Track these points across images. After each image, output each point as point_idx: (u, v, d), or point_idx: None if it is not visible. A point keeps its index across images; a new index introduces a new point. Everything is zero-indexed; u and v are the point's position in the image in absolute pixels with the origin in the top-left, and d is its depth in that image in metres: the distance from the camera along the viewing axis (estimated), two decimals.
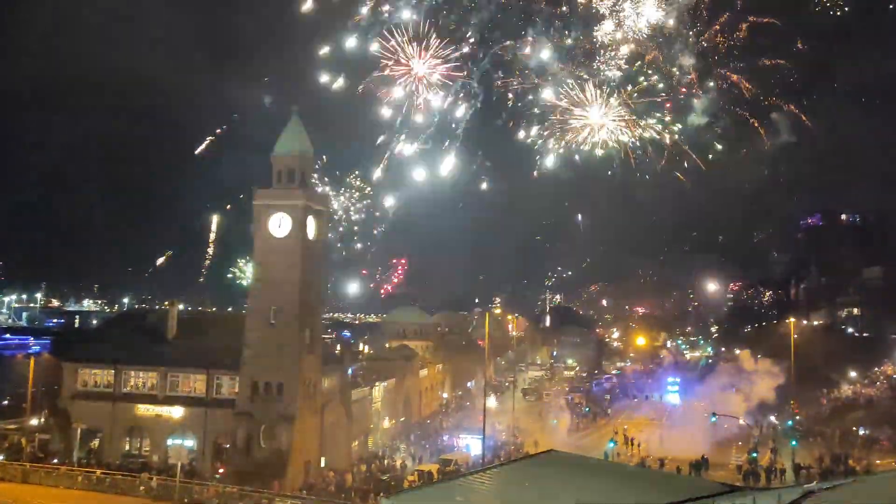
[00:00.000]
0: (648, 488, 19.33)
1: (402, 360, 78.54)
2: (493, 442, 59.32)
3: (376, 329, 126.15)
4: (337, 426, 54.99)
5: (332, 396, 55.26)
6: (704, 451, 54.91)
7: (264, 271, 50.62)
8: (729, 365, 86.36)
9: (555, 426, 71.62)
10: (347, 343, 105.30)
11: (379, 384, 68.18)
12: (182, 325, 55.97)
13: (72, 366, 54.41)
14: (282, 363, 48.56)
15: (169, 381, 52.28)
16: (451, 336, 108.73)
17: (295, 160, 51.84)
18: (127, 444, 52.26)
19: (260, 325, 49.52)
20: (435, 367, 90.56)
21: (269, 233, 50.32)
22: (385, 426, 69.48)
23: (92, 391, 53.25)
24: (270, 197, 51.10)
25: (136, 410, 51.96)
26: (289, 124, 53.02)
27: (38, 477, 37.92)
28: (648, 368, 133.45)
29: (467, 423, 70.55)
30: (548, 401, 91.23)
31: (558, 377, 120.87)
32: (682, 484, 21.06)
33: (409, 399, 77.16)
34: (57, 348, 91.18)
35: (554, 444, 50.29)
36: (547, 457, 23.14)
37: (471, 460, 53.71)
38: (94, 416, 51.67)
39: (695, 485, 20.55)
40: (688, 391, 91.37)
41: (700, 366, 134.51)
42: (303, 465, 48.79)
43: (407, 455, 59.44)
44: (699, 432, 63.47)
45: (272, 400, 48.28)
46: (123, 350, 53.61)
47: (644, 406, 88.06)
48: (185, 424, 50.89)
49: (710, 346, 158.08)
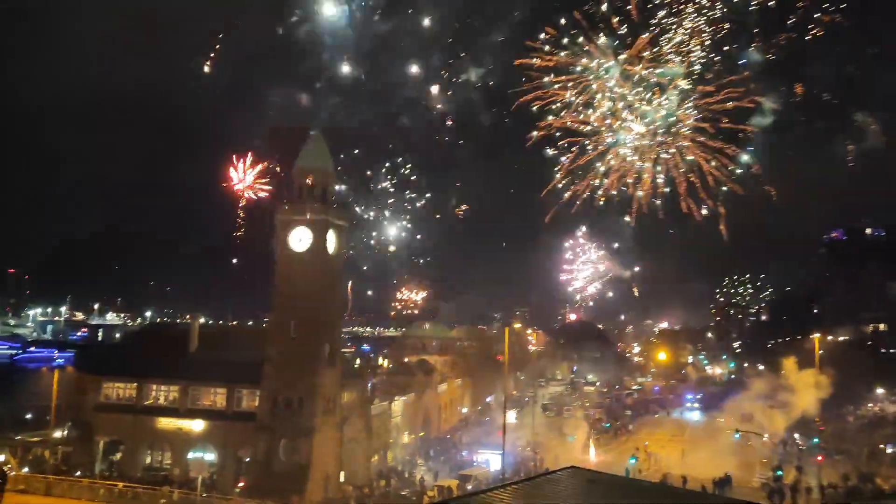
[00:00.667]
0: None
1: (422, 375, 78.44)
2: (512, 458, 58.92)
3: (396, 343, 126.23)
4: (356, 441, 54.98)
5: (352, 411, 55.28)
6: (728, 468, 54.15)
7: (285, 285, 50.88)
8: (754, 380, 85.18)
9: (575, 442, 71.01)
10: (367, 357, 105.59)
11: (398, 399, 68.12)
12: (203, 339, 56.33)
13: (95, 379, 54.90)
14: (302, 377, 48.70)
15: (190, 395, 52.57)
16: (470, 351, 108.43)
17: (316, 175, 52.24)
18: (148, 456, 52.58)
19: (280, 339, 49.75)
20: (454, 382, 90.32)
21: (289, 247, 50.66)
22: (404, 441, 69.33)
23: (114, 404, 53.68)
24: (291, 211, 51.51)
25: (157, 423, 52.25)
26: (309, 140, 53.55)
27: (62, 489, 38.21)
28: (670, 384, 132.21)
29: (487, 439, 70.17)
30: (568, 416, 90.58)
31: (579, 392, 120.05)
32: (705, 502, 20.77)
33: (428, 414, 76.99)
34: (80, 361, 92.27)
35: (574, 461, 49.85)
36: (567, 473, 22.93)
37: (490, 476, 53.37)
38: (116, 429, 52.10)
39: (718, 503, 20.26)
40: (710, 407, 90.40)
41: (722, 381, 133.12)
42: (322, 480, 48.76)
43: (426, 470, 59.19)
44: (722, 449, 62.63)
45: (292, 414, 48.37)
46: (146, 363, 53.97)
47: (666, 422, 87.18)
48: (206, 438, 51.10)
49: (733, 362, 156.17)
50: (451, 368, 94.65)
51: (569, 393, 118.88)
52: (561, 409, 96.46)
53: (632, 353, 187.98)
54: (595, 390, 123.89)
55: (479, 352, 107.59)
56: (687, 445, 70.10)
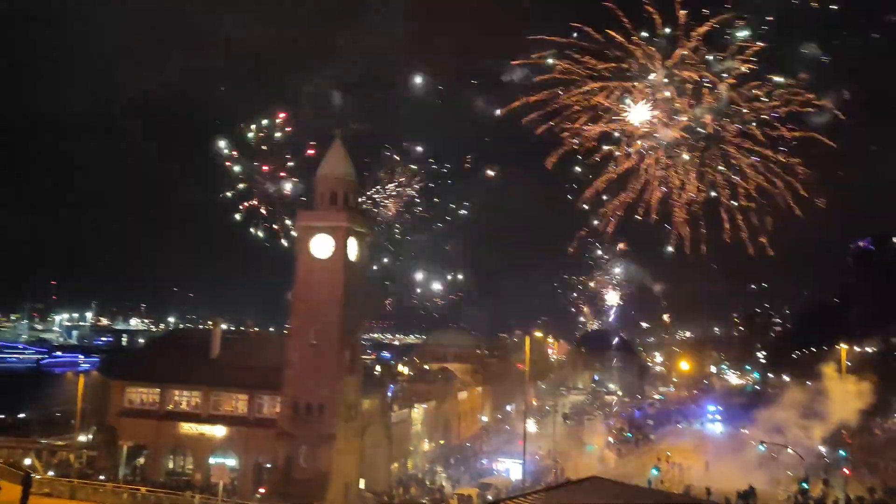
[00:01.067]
0: None
1: (442, 383, 78.34)
2: (533, 467, 58.62)
3: (417, 351, 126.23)
4: (377, 448, 54.99)
5: (373, 418, 55.32)
6: (752, 480, 53.40)
7: (306, 292, 51.09)
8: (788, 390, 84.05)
9: (596, 452, 70.45)
10: (388, 364, 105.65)
11: (419, 406, 68.08)
12: (225, 345, 56.70)
13: (119, 384, 55.46)
14: (322, 384, 48.82)
15: (212, 401, 52.92)
16: (491, 359, 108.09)
17: (338, 182, 52.49)
18: (171, 461, 52.98)
19: (301, 346, 49.94)
20: (475, 390, 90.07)
21: (311, 254, 50.90)
22: (424, 449, 69.22)
23: (138, 409, 54.15)
24: (313, 218, 51.78)
25: (179, 429, 52.63)
26: (332, 148, 53.80)
27: (86, 493, 38.54)
28: (692, 394, 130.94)
29: (507, 448, 69.91)
30: (589, 426, 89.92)
31: (600, 402, 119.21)
32: None
33: (448, 422, 76.84)
34: (105, 366, 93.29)
35: (595, 470, 49.45)
36: (589, 483, 22.78)
37: (511, 485, 53.13)
38: (139, 434, 52.56)
39: None
40: (733, 418, 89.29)
41: (746, 391, 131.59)
42: (342, 487, 48.80)
43: (446, 478, 59.02)
44: (747, 461, 61.79)
45: (313, 420, 48.50)
46: (168, 369, 54.46)
47: (688, 432, 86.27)
48: (228, 444, 51.38)
49: (757, 372, 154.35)
50: (471, 376, 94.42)
51: (590, 402, 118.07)
52: (582, 418, 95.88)
53: (654, 363, 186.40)
54: (616, 400, 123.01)
55: (499, 360, 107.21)
56: (710, 457, 69.24)
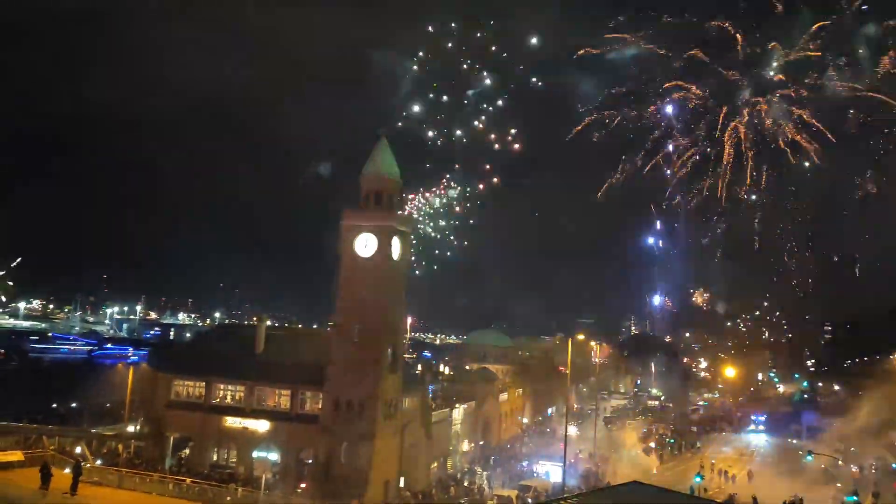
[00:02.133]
0: None
1: (483, 383, 78.24)
2: (573, 470, 58.15)
3: (457, 351, 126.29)
4: (416, 447, 55.17)
5: (413, 417, 55.52)
6: (799, 490, 52.10)
7: (349, 290, 51.52)
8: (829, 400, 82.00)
9: (638, 457, 69.61)
10: (428, 364, 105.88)
11: (459, 406, 68.09)
12: (269, 341, 57.46)
13: (166, 377, 56.67)
14: (364, 381, 49.15)
15: (256, 395, 53.68)
16: (532, 361, 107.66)
17: (382, 182, 52.80)
18: (215, 454, 53.91)
19: (344, 343, 50.36)
20: (515, 392, 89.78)
21: (355, 252, 51.29)
22: (464, 449, 69.23)
23: (184, 402, 55.27)
24: (357, 217, 52.14)
25: (224, 422, 53.52)
26: (377, 147, 54.11)
27: (133, 483, 39.41)
28: (738, 401, 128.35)
29: (547, 450, 69.51)
30: (631, 430, 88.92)
31: (642, 406, 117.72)
32: None
33: (488, 423, 76.71)
34: (154, 359, 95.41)
35: (637, 476, 48.83)
36: (630, 488, 22.48)
37: (550, 488, 52.78)
38: (185, 426, 53.61)
39: None
40: (781, 427, 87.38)
41: (794, 400, 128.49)
42: (382, 484, 49.07)
43: (486, 480, 58.92)
44: (794, 471, 60.35)
45: (354, 417, 48.85)
46: (214, 363, 55.36)
47: (733, 440, 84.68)
48: (270, 438, 52.03)
49: (806, 381, 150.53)
50: (512, 378, 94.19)
51: (632, 406, 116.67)
52: (624, 422, 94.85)
53: (698, 368, 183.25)
54: (659, 405, 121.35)
55: (540, 362, 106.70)
56: (756, 465, 67.90)
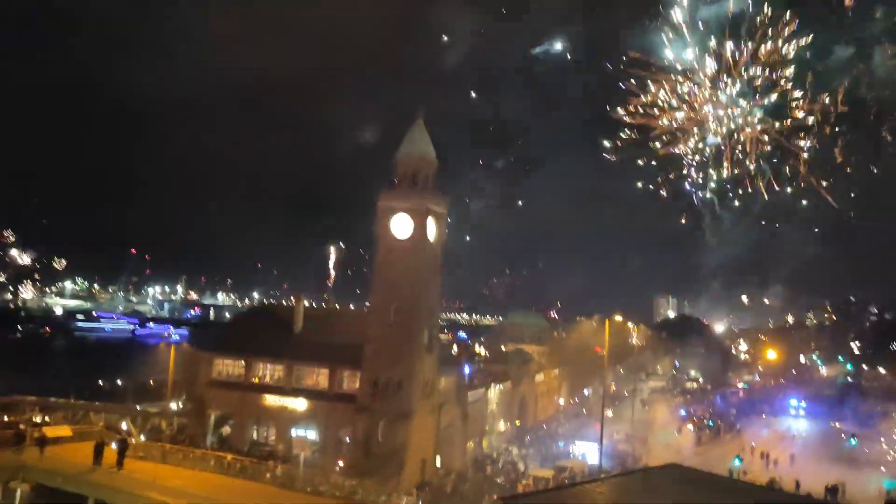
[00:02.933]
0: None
1: (519, 364, 78.20)
2: (610, 451, 57.95)
3: (493, 332, 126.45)
4: (453, 426, 55.47)
5: (449, 397, 55.77)
6: (841, 475, 51.28)
7: (386, 271, 51.73)
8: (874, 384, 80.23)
9: (676, 439, 69.08)
10: (464, 344, 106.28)
11: (494, 386, 68.18)
12: (307, 321, 58.09)
13: (207, 355, 57.66)
14: (401, 361, 49.48)
15: (294, 374, 54.38)
16: (568, 342, 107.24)
17: (417, 163, 52.70)
18: (255, 432, 54.85)
19: (380, 323, 50.66)
20: (551, 373, 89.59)
21: (391, 233, 51.42)
22: (500, 429, 69.40)
23: (225, 380, 56.19)
24: (393, 198, 52.20)
25: (263, 401, 54.36)
26: (412, 127, 53.95)
27: (176, 458, 40.32)
28: (779, 384, 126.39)
29: (584, 431, 69.37)
30: (669, 412, 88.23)
31: (680, 388, 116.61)
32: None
33: (524, 403, 76.76)
34: (195, 338, 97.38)
35: (674, 458, 48.49)
36: (668, 470, 22.29)
37: (587, 468, 52.71)
38: (225, 404, 54.61)
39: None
40: (823, 410, 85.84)
41: (838, 384, 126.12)
42: (419, 463, 49.48)
43: (521, 460, 59.05)
44: (836, 455, 59.36)
45: (391, 397, 49.24)
46: (253, 343, 56.20)
47: (773, 423, 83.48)
48: (309, 417, 52.77)
49: (850, 364, 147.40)
50: (548, 359, 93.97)
51: (670, 388, 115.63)
52: (661, 404, 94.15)
53: (738, 350, 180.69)
54: (698, 387, 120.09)
55: (577, 343, 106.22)
56: (797, 449, 66.87)
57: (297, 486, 37.38)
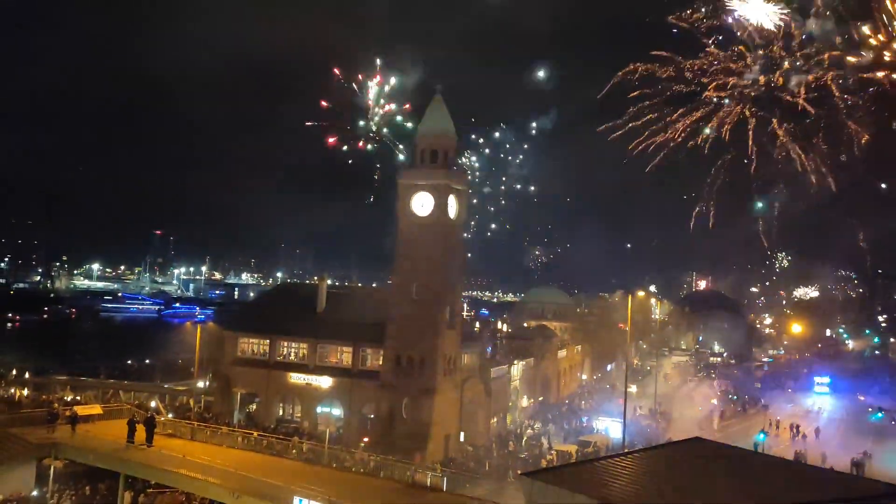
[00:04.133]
0: (803, 484, 18.15)
1: (541, 340, 78.29)
2: (633, 427, 58.01)
3: (515, 308, 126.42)
4: (476, 402, 55.79)
5: (472, 373, 56.06)
6: (867, 448, 50.95)
7: (407, 249, 51.87)
8: None
9: (699, 413, 68.95)
10: (486, 321, 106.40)
11: (517, 363, 68.39)
12: (331, 299, 58.54)
13: (232, 334, 58.43)
14: (423, 338, 49.81)
15: (318, 352, 54.98)
16: (591, 318, 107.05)
17: (438, 140, 52.58)
18: (280, 409, 55.70)
19: (403, 301, 50.95)
20: (574, 349, 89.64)
21: (412, 211, 51.49)
22: (523, 405, 69.71)
23: (250, 359, 57.01)
24: (414, 176, 52.21)
25: (288, 378, 55.09)
26: (432, 104, 53.75)
27: (204, 435, 41.01)
28: (805, 358, 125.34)
29: (607, 406, 69.43)
30: (692, 387, 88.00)
31: (704, 363, 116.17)
32: (842, 483, 19.59)
33: (547, 379, 76.94)
34: (220, 318, 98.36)
35: (698, 432, 48.41)
36: (692, 445, 22.24)
37: (610, 444, 52.84)
38: (251, 382, 55.43)
39: (857, 484, 19.05)
40: (849, 384, 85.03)
41: (864, 357, 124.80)
42: (443, 439, 49.92)
43: (545, 435, 59.34)
44: (861, 429, 58.91)
45: (414, 373, 49.66)
46: (278, 321, 56.84)
47: (799, 397, 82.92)
48: (333, 394, 53.40)
49: (878, 337, 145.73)
50: (570, 335, 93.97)
51: (694, 363, 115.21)
52: (685, 379, 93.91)
53: (763, 325, 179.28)
54: (722, 361, 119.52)
55: (600, 319, 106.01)
56: (822, 423, 66.48)
57: (322, 461, 37.91)
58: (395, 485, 33.07)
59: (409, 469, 35.17)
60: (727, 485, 17.75)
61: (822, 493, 16.91)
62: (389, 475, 35.91)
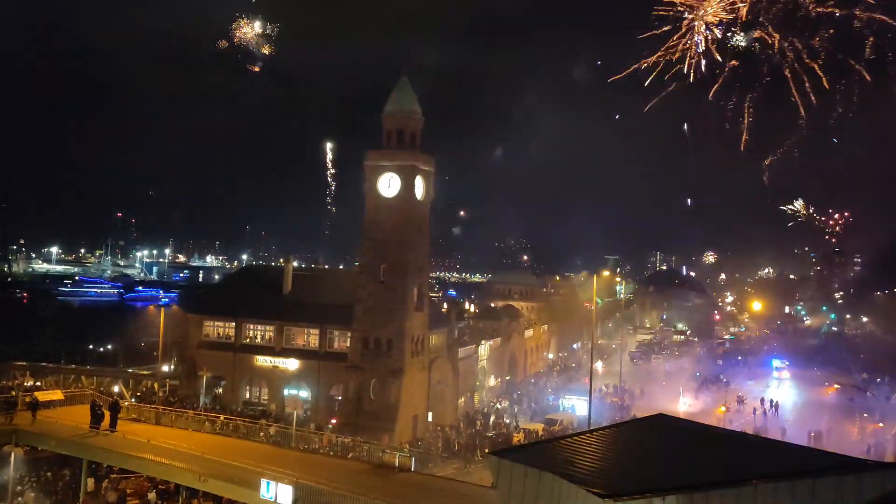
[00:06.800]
0: (764, 457, 18.61)
1: (508, 320, 78.79)
2: (599, 404, 58.85)
3: (482, 289, 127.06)
4: (443, 383, 56.09)
5: (439, 353, 56.25)
6: (826, 422, 52.43)
7: (374, 230, 51.63)
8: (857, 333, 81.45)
9: (663, 390, 70.14)
10: (454, 302, 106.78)
11: (485, 342, 68.79)
12: (297, 281, 58.16)
13: (197, 318, 57.79)
14: (391, 319, 49.79)
15: (285, 335, 54.70)
16: (557, 297, 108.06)
17: (404, 120, 52.24)
18: (247, 392, 55.36)
19: (370, 283, 50.82)
20: (540, 328, 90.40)
21: (378, 192, 51.20)
22: (490, 384, 70.24)
23: (215, 342, 56.49)
24: (380, 157, 51.85)
25: (254, 361, 54.75)
26: (398, 85, 53.29)
27: (170, 419, 40.57)
28: (765, 335, 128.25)
29: (573, 385, 70.31)
30: (656, 364, 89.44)
31: (668, 341, 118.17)
32: (801, 455, 20.13)
33: (514, 358, 77.57)
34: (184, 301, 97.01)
35: (662, 409, 49.24)
36: (656, 421, 22.64)
37: (576, 421, 53.55)
38: (217, 365, 54.86)
39: (815, 457, 19.59)
40: (808, 360, 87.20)
41: (821, 333, 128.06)
42: (411, 419, 50.15)
43: (512, 414, 59.91)
44: (819, 403, 60.57)
45: (381, 355, 49.68)
46: (243, 304, 56.38)
47: (759, 373, 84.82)
48: (300, 376, 53.23)
49: (834, 314, 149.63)
50: (537, 314, 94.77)
51: (658, 341, 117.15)
52: (649, 357, 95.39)
53: (724, 303, 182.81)
54: (685, 339, 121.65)
55: (565, 298, 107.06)
56: (782, 398, 68.17)
57: (290, 444, 37.79)
58: (363, 466, 33.09)
59: (378, 450, 35.21)
60: (690, 459, 18.12)
61: (782, 465, 17.35)
62: (358, 456, 35.97)
